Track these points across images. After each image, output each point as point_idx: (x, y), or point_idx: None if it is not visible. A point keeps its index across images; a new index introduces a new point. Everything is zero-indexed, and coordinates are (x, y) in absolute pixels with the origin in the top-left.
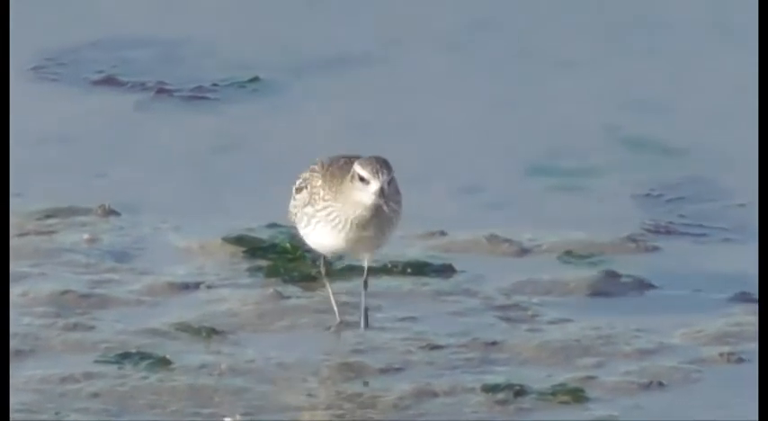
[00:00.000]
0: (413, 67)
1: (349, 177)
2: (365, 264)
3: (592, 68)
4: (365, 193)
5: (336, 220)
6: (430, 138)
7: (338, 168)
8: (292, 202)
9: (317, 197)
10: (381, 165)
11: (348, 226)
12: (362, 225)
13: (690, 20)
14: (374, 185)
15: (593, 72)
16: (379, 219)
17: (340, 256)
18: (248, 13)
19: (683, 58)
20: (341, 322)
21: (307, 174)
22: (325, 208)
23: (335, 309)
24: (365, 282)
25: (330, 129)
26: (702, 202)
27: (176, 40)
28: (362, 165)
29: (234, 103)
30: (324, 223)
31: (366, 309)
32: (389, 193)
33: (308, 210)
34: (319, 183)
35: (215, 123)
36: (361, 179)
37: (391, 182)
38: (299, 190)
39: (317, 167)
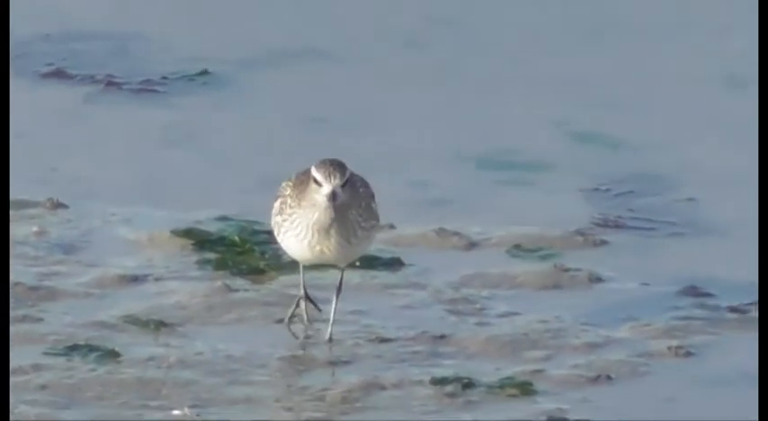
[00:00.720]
0: (365, 61)
1: (310, 181)
2: (341, 273)
3: (542, 64)
4: (318, 196)
5: (299, 228)
6: (380, 133)
7: (307, 176)
8: (272, 212)
9: (284, 205)
10: (335, 167)
11: (310, 232)
12: (323, 231)
13: (639, 15)
14: (326, 188)
15: (543, 68)
16: (341, 225)
17: (319, 267)
18: (198, 7)
19: (631, 53)
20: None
21: (284, 184)
22: (290, 215)
23: (305, 316)
24: (338, 289)
25: (280, 123)
26: (651, 197)
27: (126, 34)
28: (317, 168)
29: (183, 97)
30: (290, 232)
31: (332, 320)
32: (347, 199)
33: (278, 219)
34: (288, 191)
35: (164, 116)
36: (317, 182)
37: (346, 187)
38: (275, 199)
39: (293, 177)
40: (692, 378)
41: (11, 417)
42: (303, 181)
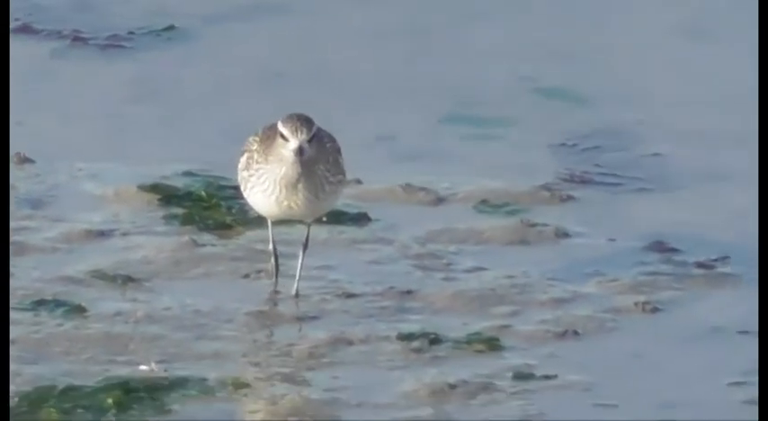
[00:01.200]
0: (328, 16)
1: (277, 137)
2: (307, 229)
3: (506, 18)
4: (285, 151)
5: (267, 183)
6: (345, 88)
7: (273, 131)
8: (238, 166)
9: (251, 161)
10: (302, 122)
11: (277, 188)
12: (290, 186)
13: None
14: (292, 143)
15: (506, 22)
16: (308, 180)
17: (286, 222)
18: None
19: (597, 7)
20: (276, 292)
21: (251, 138)
22: (257, 170)
23: (274, 278)
24: (305, 245)
25: (246, 77)
26: (617, 152)
27: None
28: (284, 123)
29: (149, 51)
30: (257, 187)
31: (299, 276)
32: (314, 154)
33: (245, 173)
34: (255, 146)
35: (131, 71)
36: (283, 137)
37: (313, 142)
38: (241, 153)
39: (260, 131)
40: (658, 333)
41: None
42: (270, 135)
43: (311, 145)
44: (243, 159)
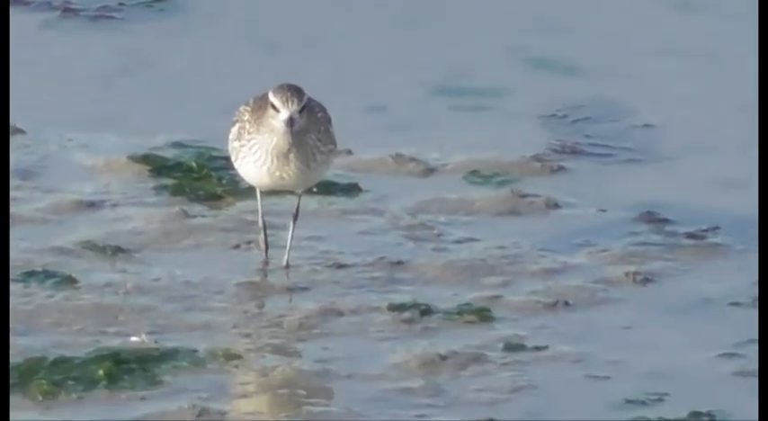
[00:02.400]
0: None
1: (268, 107)
2: (298, 199)
3: None
4: (276, 122)
5: (258, 154)
6: (336, 57)
7: (264, 101)
8: (228, 137)
9: (243, 131)
10: (293, 93)
11: (269, 158)
12: (282, 156)
13: None
14: (283, 114)
15: None
16: (300, 150)
17: (276, 193)
18: None
19: None
20: (266, 263)
21: (241, 108)
22: (249, 141)
23: (264, 252)
24: (295, 215)
25: (236, 48)
26: (608, 123)
27: None
28: (274, 93)
29: (140, 23)
30: (249, 157)
31: (290, 247)
32: (305, 124)
33: (236, 144)
34: (246, 117)
35: (121, 42)
36: (274, 107)
37: (304, 112)
38: (232, 124)
39: (251, 101)
40: (649, 304)
41: None
42: (261, 106)
43: (302, 115)
44: (234, 129)
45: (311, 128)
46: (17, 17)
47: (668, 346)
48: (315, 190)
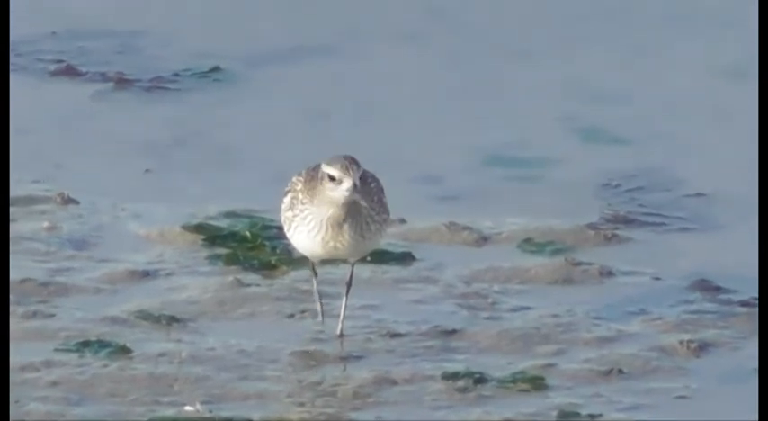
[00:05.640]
0: (371, 56)
1: (319, 179)
2: (351, 268)
3: (548, 59)
4: (337, 192)
5: (312, 224)
6: (388, 128)
7: (317, 172)
8: (281, 207)
9: (296, 201)
10: (350, 161)
11: (324, 228)
12: (337, 226)
13: (645, 10)
14: (347, 182)
15: (549, 62)
16: (354, 219)
17: (329, 262)
18: (207, 3)
19: (638, 47)
20: (322, 321)
21: (294, 179)
22: (302, 211)
23: (320, 310)
24: (348, 284)
25: (289, 118)
26: (660, 192)
27: (136, 31)
28: (331, 164)
29: (194, 93)
30: (302, 227)
31: (343, 316)
32: (364, 191)
33: (289, 214)
34: (299, 187)
35: (175, 113)
36: (332, 178)
37: (363, 181)
38: (285, 194)
39: (303, 172)
40: (703, 372)
41: (23, 414)
42: (314, 176)
43: (363, 185)
44: (287, 199)
45: (366, 197)
46: (70, 88)
47: (723, 415)
48: (368, 259)
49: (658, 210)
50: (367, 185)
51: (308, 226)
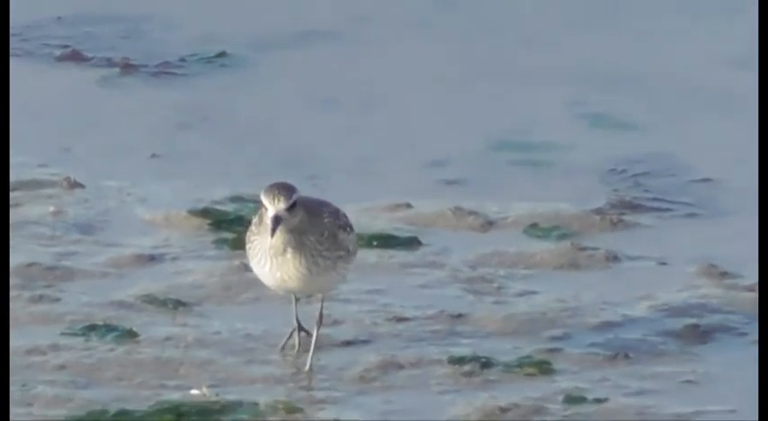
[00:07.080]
0: (378, 42)
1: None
2: (321, 303)
3: (554, 44)
4: (264, 220)
5: (259, 254)
6: (395, 113)
7: None
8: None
9: (249, 232)
10: (280, 191)
11: (266, 259)
12: (280, 256)
13: None
14: (270, 211)
15: (555, 48)
16: (297, 251)
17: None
18: None
19: (646, 33)
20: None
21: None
22: (252, 242)
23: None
24: (318, 320)
25: (296, 103)
26: (667, 177)
27: (142, 16)
28: (264, 192)
29: (200, 78)
30: (254, 259)
31: (312, 352)
32: (295, 223)
33: (247, 246)
34: (254, 218)
35: (181, 98)
36: (264, 206)
37: (296, 211)
38: (249, 224)
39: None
40: (709, 357)
41: (30, 398)
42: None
43: (293, 214)
44: (248, 231)
45: (309, 229)
46: (76, 73)
47: (730, 400)
48: (375, 243)
49: (664, 195)
50: (316, 216)
51: (257, 257)
